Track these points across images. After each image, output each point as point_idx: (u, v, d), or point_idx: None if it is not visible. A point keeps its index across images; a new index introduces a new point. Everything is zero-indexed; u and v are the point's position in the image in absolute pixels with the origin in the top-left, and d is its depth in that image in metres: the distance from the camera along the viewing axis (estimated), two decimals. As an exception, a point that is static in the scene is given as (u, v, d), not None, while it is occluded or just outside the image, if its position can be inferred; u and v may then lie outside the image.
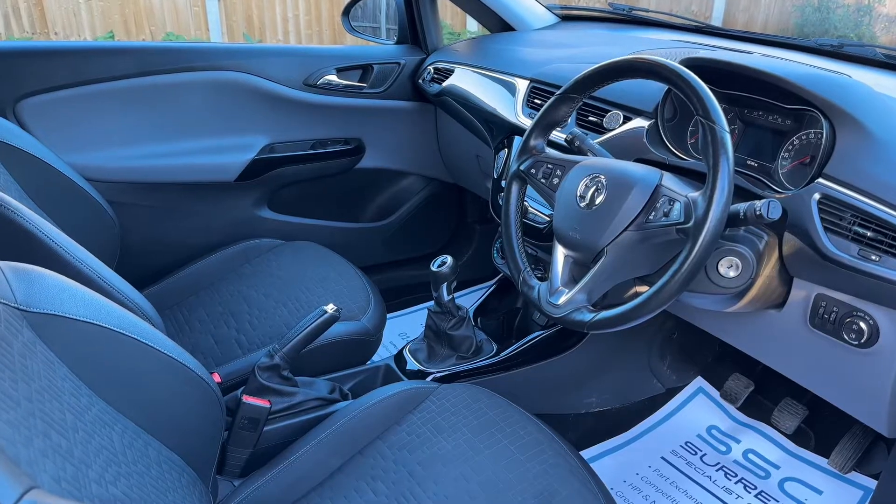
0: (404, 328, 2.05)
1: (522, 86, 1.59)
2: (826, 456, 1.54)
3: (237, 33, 6.21)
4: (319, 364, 1.41)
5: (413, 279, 2.25)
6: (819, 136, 1.07)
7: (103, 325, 0.83)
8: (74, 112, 1.64)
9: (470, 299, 2.20)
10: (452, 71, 1.87)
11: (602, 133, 1.33)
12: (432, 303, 1.49)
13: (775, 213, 0.92)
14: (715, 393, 1.73)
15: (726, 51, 1.48)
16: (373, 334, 1.46)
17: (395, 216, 2.18)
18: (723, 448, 1.60)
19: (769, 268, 1.05)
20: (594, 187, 1.06)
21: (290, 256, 1.66)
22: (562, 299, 1.06)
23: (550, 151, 1.21)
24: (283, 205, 1.99)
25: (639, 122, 1.28)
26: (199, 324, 1.48)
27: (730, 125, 0.97)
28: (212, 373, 1.28)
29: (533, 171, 1.19)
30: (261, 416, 1.18)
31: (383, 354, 1.68)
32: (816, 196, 1.00)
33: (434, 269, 1.42)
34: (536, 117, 1.20)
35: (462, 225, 2.34)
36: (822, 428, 1.59)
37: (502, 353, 1.52)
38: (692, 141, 1.25)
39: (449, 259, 1.42)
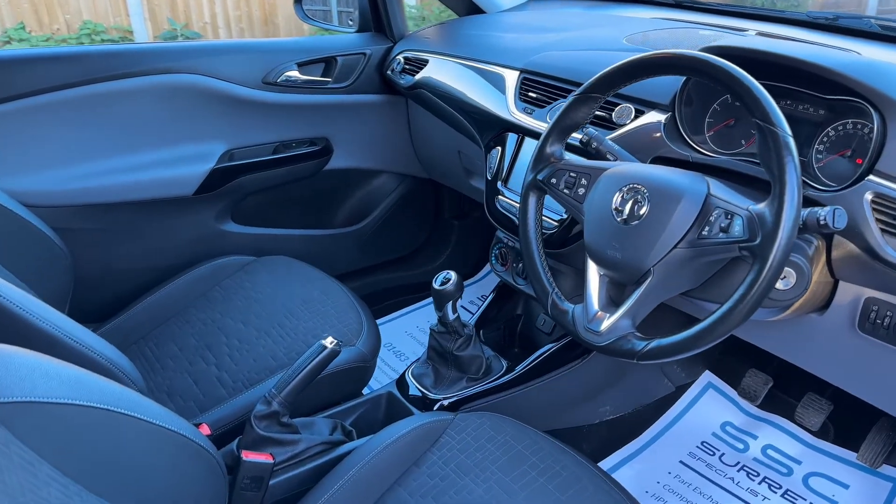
0: (390, 338, 1.92)
1: (511, 77, 1.46)
2: (846, 447, 1.51)
3: (160, 17, 5.83)
4: (315, 400, 1.29)
5: (392, 282, 2.12)
6: (858, 126, 0.99)
7: (86, 403, 0.70)
8: (6, 131, 1.44)
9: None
10: (426, 61, 1.72)
11: (612, 129, 1.22)
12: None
13: (841, 223, 0.84)
14: (724, 386, 1.67)
15: (730, 33, 1.41)
16: (369, 359, 1.34)
17: (370, 219, 2.04)
18: (740, 445, 1.54)
19: (817, 273, 0.98)
20: (632, 199, 0.95)
21: (265, 275, 1.51)
22: (604, 326, 0.95)
23: (570, 157, 1.09)
24: (248, 216, 1.83)
25: (653, 116, 1.17)
26: (172, 361, 1.33)
27: None
28: (199, 424, 1.15)
29: (553, 180, 1.07)
30: (265, 473, 1.05)
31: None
32: (868, 196, 0.92)
33: (437, 286, 1.29)
34: (552, 121, 1.08)
35: (439, 221, 2.22)
36: (842, 420, 1.55)
37: (515, 370, 1.41)
38: (710, 133, 1.16)
39: (453, 275, 1.29)
